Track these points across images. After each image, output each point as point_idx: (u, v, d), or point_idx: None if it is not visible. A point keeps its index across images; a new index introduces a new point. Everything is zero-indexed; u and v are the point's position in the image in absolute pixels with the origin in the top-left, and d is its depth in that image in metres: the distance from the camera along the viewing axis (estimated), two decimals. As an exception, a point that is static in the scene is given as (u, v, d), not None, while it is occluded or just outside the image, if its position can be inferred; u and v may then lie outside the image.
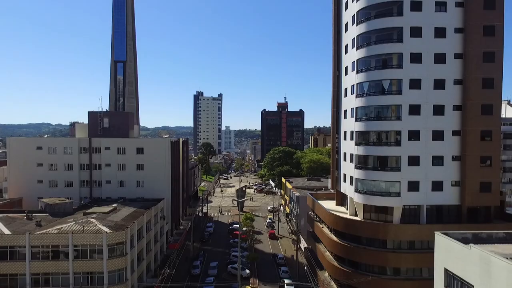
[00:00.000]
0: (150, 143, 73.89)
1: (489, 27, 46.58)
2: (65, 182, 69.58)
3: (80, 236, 43.37)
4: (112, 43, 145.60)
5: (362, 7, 50.27)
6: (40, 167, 68.90)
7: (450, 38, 47.34)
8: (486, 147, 47.20)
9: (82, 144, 69.90)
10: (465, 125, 47.26)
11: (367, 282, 45.75)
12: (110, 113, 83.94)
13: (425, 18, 47.14)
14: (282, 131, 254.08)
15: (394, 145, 48.08)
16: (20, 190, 68.43)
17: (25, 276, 42.54)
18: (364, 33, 50.36)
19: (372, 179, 49.38)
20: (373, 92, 49.30)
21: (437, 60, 47.41)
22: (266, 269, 68.91)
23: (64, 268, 43.02)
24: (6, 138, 76.02)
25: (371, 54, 49.49)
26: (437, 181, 47.88)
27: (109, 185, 70.11)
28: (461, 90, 47.52)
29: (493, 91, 46.87)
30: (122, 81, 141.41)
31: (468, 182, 47.20)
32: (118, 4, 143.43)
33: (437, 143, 47.78)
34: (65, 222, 48.67)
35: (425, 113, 47.58)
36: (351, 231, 49.69)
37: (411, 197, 47.66)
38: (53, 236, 43.36)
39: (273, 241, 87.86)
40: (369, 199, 49.55)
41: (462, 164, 47.52)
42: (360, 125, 50.60)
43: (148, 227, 57.37)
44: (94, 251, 43.54)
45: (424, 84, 47.45)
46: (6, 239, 42.66)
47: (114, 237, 44.24)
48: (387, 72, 48.34)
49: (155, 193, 69.89)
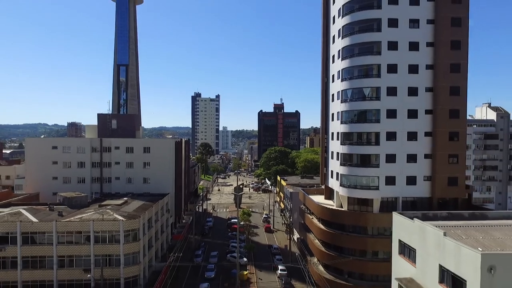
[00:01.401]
0: (156, 143, 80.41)
1: (455, 41, 53.39)
2: (78, 178, 75.96)
3: (100, 224, 49.87)
4: (115, 48, 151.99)
5: (347, 22, 57.00)
6: (55, 165, 75.25)
7: (422, 51, 54.11)
8: (454, 146, 54.01)
9: (94, 144, 76.29)
10: (435, 127, 54.03)
11: (350, 264, 52.59)
12: (117, 116, 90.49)
13: (401, 33, 53.87)
14: (279, 131, 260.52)
15: (374, 145, 54.75)
16: (36, 185, 74.74)
17: (52, 258, 48.98)
18: (348, 45, 57.10)
19: (355, 174, 56.08)
20: (356, 98, 56.06)
21: (410, 70, 54.15)
22: (262, 257, 75.63)
23: (86, 251, 49.49)
24: (25, 139, 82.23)
25: (354, 65, 56.25)
26: (411, 176, 54.58)
27: (118, 181, 76.57)
28: (431, 96, 54.29)
29: (459, 97, 53.71)
30: (125, 84, 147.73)
31: (438, 177, 53.98)
32: (121, 11, 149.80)
33: (411, 143, 54.48)
34: (84, 212, 55.15)
35: (401, 117, 54.29)
36: (336, 220, 56.51)
37: (388, 190, 54.33)
38: (76, 223, 49.86)
39: (268, 234, 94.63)
40: (352, 192, 56.26)
41: (433, 162, 54.28)
42: (345, 127, 57.33)
43: (156, 219, 63.87)
44: (112, 236, 50.04)
45: (399, 91, 54.17)
46: (36, 226, 49.12)
47: (129, 225, 50.78)
48: (368, 81, 55.10)
49: (160, 189, 76.36)
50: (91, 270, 49.02)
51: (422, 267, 26.58)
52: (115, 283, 49.63)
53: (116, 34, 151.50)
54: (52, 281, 49.07)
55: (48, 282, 49.17)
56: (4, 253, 48.32)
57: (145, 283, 53.24)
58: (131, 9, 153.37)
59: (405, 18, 53.86)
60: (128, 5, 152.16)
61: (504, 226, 27.93)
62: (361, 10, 55.44)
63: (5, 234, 48.66)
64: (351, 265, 53.25)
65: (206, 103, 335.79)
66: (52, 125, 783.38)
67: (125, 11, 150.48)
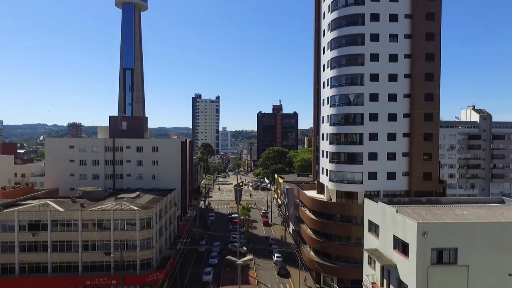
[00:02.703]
0: (164, 143, 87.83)
1: (429, 53, 60.88)
2: (93, 175, 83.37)
3: (119, 213, 57.30)
4: (121, 52, 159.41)
5: (335, 36, 64.47)
6: (72, 162, 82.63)
7: (400, 62, 61.59)
8: (428, 146, 61.50)
9: (107, 144, 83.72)
10: (412, 129, 61.48)
11: (336, 248, 60.14)
12: (127, 118, 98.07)
13: (382, 46, 61.34)
14: (277, 132, 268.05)
15: (358, 144, 62.21)
16: (55, 181, 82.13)
17: (77, 242, 56.38)
18: (336, 57, 64.59)
19: (342, 170, 63.58)
20: (343, 103, 63.58)
21: (390, 79, 61.62)
22: (260, 247, 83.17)
23: (106, 237, 56.85)
24: (45, 139, 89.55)
25: (341, 74, 63.76)
26: (391, 172, 62.06)
27: (129, 178, 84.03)
28: (409, 102, 61.76)
29: (433, 103, 61.25)
30: (130, 87, 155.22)
31: (414, 172, 61.47)
32: (127, 18, 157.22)
33: (391, 143, 61.92)
34: (103, 204, 62.58)
35: (382, 120, 61.73)
36: (325, 211, 64.06)
37: (371, 185, 61.77)
38: (98, 212, 57.33)
39: (266, 227, 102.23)
40: (340, 186, 63.75)
41: (410, 159, 61.76)
42: (333, 129, 64.84)
43: (165, 211, 71.25)
44: (129, 224, 57.41)
45: (381, 97, 61.64)
46: (63, 215, 56.56)
47: (144, 214, 58.23)
48: (353, 88, 62.60)
49: (168, 185, 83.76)
50: (111, 253, 56.45)
51: (383, 238, 34.12)
52: (132, 264, 57.01)
53: (122, 39, 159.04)
54: (77, 263, 56.43)
55: (74, 264, 56.52)
56: (36, 238, 55.66)
57: (157, 265, 60.59)
58: (136, 15, 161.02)
59: (386, 33, 61.35)
60: (134, 12, 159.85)
61: (447, 206, 35.51)
62: (347, 26, 62.98)
63: (37, 222, 56.05)
64: (338, 250, 60.81)
65: (206, 104, 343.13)
66: (52, 125, 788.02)
67: (130, 18, 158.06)
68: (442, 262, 28.16)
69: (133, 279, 56.22)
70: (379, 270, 34.67)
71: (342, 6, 63.06)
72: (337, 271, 60.07)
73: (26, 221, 55.86)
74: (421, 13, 60.73)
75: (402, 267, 30.25)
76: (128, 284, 55.88)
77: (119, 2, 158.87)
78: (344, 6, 62.74)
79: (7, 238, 55.29)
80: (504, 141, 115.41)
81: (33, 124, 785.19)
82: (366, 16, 61.26)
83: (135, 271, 56.85)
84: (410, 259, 28.91)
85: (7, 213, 56.00)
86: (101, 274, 56.30)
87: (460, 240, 28.06)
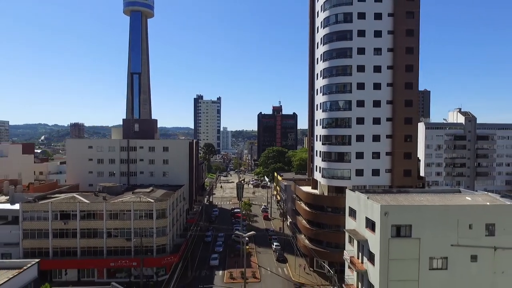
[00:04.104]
0: (173, 143, 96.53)
1: (409, 65, 69.51)
2: (109, 172, 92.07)
3: (138, 204, 66.01)
4: (129, 57, 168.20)
5: (327, 50, 73.12)
6: (90, 161, 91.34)
7: (383, 73, 70.16)
8: (408, 146, 70.13)
9: (122, 144, 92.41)
10: (394, 131, 70.03)
11: (327, 236, 68.82)
12: (139, 120, 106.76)
13: (367, 59, 69.91)
14: (277, 132, 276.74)
15: (347, 145, 70.80)
16: (75, 178, 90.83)
17: (102, 230, 65.09)
18: (328, 67, 73.26)
19: (333, 168, 72.17)
20: (333, 109, 72.23)
21: (375, 87, 70.13)
22: (260, 238, 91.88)
23: (127, 225, 65.52)
24: (66, 140, 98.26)
25: (332, 83, 72.37)
26: (376, 169, 70.58)
27: (142, 175, 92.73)
28: (391, 108, 70.34)
29: (412, 108, 69.88)
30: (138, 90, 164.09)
31: (396, 170, 70.08)
32: (135, 25, 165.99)
33: (376, 144, 70.50)
34: (123, 197, 71.26)
35: (367, 123, 70.26)
36: (318, 203, 72.78)
37: (358, 180, 70.30)
38: (120, 204, 66.06)
39: (266, 221, 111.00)
40: (331, 182, 72.39)
41: (392, 158, 70.33)
42: (325, 131, 73.44)
43: (176, 204, 79.99)
44: (146, 214, 66.11)
45: (366, 104, 70.15)
46: (90, 206, 65.30)
47: (159, 205, 66.94)
48: (342, 95, 71.21)
49: (177, 181, 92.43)
50: (131, 239, 65.15)
51: (359, 220, 42.80)
52: (149, 249, 65.72)
53: (129, 45, 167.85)
54: (102, 247, 65.11)
55: (99, 248, 65.19)
56: (67, 226, 64.37)
57: (170, 250, 69.31)
58: (143, 22, 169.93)
59: (371, 47, 69.91)
60: (141, 19, 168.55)
61: (411, 195, 44.23)
62: (338, 40, 71.52)
63: (67, 212, 64.76)
64: (329, 237, 69.48)
65: (208, 105, 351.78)
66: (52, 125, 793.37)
67: (138, 25, 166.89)
68: (400, 236, 36.77)
69: (151, 261, 64.97)
70: (356, 246, 43.35)
71: (333, 23, 71.75)
72: (328, 255, 68.68)
73: (58, 211, 64.65)
74: (402, 30, 69.34)
75: (371, 241, 38.89)
76: (147, 265, 64.63)
77: (127, 10, 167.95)
78: (335, 23, 71.43)
79: (42, 226, 64.05)
80: (487, 142, 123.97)
81: (34, 124, 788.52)
82: (353, 32, 69.85)
83: (152, 254, 65.63)
84: (376, 234, 37.54)
85: (42, 204, 64.78)
86: (123, 257, 65.03)
87: (413, 218, 36.67)
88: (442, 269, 36.92)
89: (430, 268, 36.89)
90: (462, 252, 36.99)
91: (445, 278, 36.92)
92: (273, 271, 70.55)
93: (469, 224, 36.97)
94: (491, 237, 37.19)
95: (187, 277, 67.43)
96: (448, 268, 36.97)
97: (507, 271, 37.31)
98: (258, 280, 66.59)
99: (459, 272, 37.02)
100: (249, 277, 66.56)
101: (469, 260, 37.12)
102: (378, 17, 69.69)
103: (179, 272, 66.33)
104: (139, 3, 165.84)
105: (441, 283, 36.88)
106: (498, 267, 37.25)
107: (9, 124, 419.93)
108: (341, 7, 70.33)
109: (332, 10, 71.39)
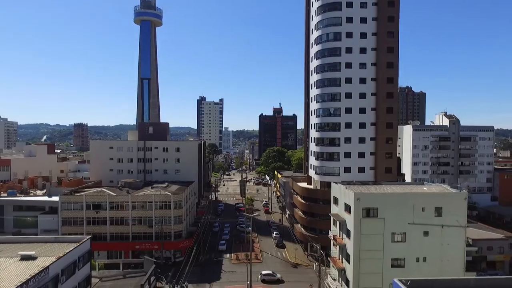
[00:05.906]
0: (185, 144, 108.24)
1: (389, 77, 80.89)
2: (128, 170, 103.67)
3: (158, 196, 77.62)
4: (139, 64, 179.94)
5: (319, 64, 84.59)
6: (111, 160, 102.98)
7: (368, 84, 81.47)
8: (389, 147, 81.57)
9: (139, 145, 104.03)
10: (377, 134, 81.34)
11: (320, 224, 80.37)
12: (153, 124, 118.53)
13: (354, 72, 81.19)
14: (277, 133, 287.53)
15: (337, 146, 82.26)
16: (98, 175, 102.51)
17: (128, 218, 76.67)
18: (320, 79, 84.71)
19: (324, 166, 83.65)
20: (325, 115, 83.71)
21: (361, 96, 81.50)
22: (262, 228, 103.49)
23: (149, 214, 77.10)
24: (90, 141, 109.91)
25: (323, 92, 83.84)
26: (361, 167, 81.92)
27: (157, 172, 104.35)
28: (375, 114, 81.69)
29: (393, 115, 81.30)
30: (148, 94, 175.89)
31: (378, 167, 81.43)
32: (144, 33, 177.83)
33: (361, 145, 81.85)
34: (144, 191, 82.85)
35: (354, 127, 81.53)
36: (312, 196, 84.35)
37: (346, 177, 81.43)
38: (143, 196, 77.71)
39: (267, 214, 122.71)
40: (323, 178, 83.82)
41: (375, 157, 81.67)
42: (318, 134, 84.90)
43: (188, 197, 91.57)
44: (165, 204, 77.64)
45: (353, 110, 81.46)
46: (118, 198, 76.94)
47: (176, 197, 78.55)
48: (333, 103, 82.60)
49: (188, 178, 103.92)
50: (153, 226, 76.74)
51: (340, 206, 54.34)
52: (167, 235, 77.31)
53: (140, 52, 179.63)
54: (128, 233, 76.71)
55: (126, 234, 76.81)
56: (98, 215, 75.99)
57: (185, 236, 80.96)
58: (152, 31, 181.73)
59: (357, 62, 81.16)
60: (150, 28, 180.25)
61: (382, 186, 55.77)
62: (329, 56, 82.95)
63: (98, 203, 76.35)
64: (321, 225, 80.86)
65: (210, 106, 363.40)
66: (54, 125, 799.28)
67: (147, 33, 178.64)
68: (369, 216, 48.26)
69: (169, 245, 76.65)
70: (338, 227, 54.89)
71: (324, 41, 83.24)
72: (321, 240, 79.75)
73: (90, 202, 76.25)
74: (383, 48, 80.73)
75: (348, 221, 50.38)
76: (166, 248, 76.30)
77: (137, 20, 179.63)
78: (326, 41, 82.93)
79: (78, 214, 75.67)
80: (470, 142, 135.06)
81: (36, 124, 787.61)
82: (342, 49, 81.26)
83: (171, 239, 77.26)
84: (351, 215, 48.99)
85: (77, 196, 76.46)
86: (145, 241, 76.64)
87: (379, 203, 48.13)
88: (401, 242, 48.41)
89: (392, 241, 48.38)
90: (417, 229, 48.45)
91: (404, 249, 48.41)
92: (273, 255, 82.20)
93: (422, 207, 48.47)
94: (439, 217, 48.64)
95: (200, 259, 79.03)
96: (406, 241, 48.45)
97: (451, 243, 48.80)
98: (260, 261, 78.20)
99: (414, 244, 48.49)
100: (253, 259, 78.05)
101: (422, 235, 48.58)
102: (363, 36, 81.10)
103: (194, 254, 77.95)
104: (149, 13, 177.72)
105: (400, 252, 48.41)
106: (444, 240, 48.71)
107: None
108: (332, 27, 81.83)
109: (324, 30, 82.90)
